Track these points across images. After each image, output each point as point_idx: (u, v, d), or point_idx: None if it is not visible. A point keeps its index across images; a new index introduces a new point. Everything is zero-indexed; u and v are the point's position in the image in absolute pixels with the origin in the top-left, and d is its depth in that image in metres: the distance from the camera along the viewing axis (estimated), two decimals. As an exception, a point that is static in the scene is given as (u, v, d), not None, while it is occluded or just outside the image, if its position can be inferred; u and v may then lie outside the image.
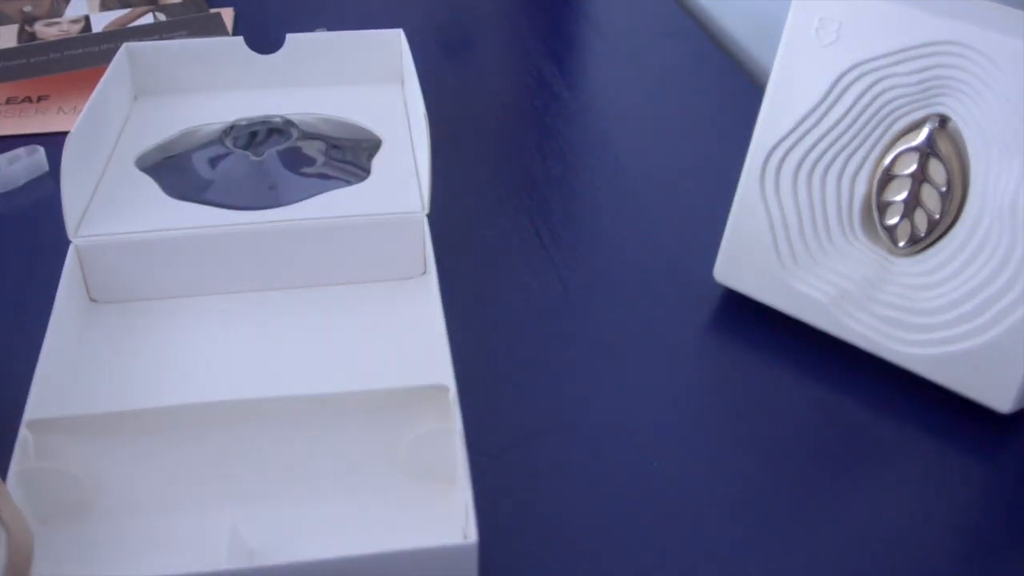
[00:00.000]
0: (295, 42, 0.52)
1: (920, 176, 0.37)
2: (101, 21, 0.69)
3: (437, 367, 0.37)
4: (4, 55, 0.61)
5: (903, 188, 0.38)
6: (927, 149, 0.37)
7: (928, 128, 0.37)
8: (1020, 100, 0.34)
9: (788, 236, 0.41)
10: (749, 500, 0.35)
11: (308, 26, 0.69)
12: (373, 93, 0.53)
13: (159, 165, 0.46)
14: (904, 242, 0.38)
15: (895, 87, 0.37)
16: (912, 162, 0.37)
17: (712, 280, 0.45)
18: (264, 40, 0.54)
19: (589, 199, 0.51)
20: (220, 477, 0.34)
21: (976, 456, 0.37)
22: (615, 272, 0.46)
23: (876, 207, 0.39)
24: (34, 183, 0.52)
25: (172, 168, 0.45)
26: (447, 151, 0.55)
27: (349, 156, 0.46)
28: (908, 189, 0.38)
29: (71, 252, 0.40)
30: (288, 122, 0.48)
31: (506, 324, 0.43)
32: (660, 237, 0.48)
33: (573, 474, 0.36)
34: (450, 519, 0.33)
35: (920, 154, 0.37)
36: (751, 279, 0.42)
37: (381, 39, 0.53)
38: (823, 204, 0.40)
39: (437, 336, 0.38)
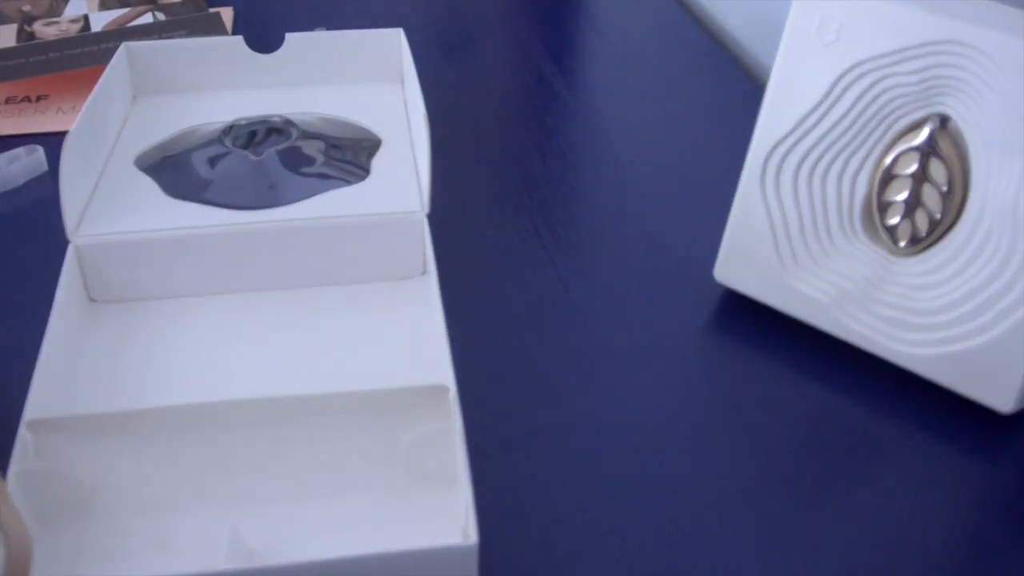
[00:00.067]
0: (295, 41, 0.52)
1: (921, 176, 0.37)
2: (100, 20, 0.69)
3: (437, 367, 0.37)
4: (3, 55, 0.61)
5: (904, 188, 0.38)
6: (928, 149, 0.37)
7: (929, 128, 0.37)
8: (1021, 100, 0.34)
9: (788, 236, 0.41)
10: (749, 500, 0.35)
11: (308, 26, 0.69)
12: (373, 93, 0.53)
13: (158, 165, 0.46)
14: (905, 242, 0.38)
15: (896, 87, 0.37)
16: (913, 162, 0.37)
17: (712, 280, 0.45)
18: (264, 39, 0.54)
19: (589, 199, 0.51)
20: (220, 477, 0.34)
21: (976, 456, 0.37)
22: (615, 272, 0.46)
23: (877, 207, 0.39)
24: (33, 183, 0.52)
25: (171, 168, 0.45)
26: (447, 151, 0.55)
27: (349, 156, 0.46)
28: (909, 189, 0.38)
29: (70, 252, 0.40)
30: (288, 122, 0.48)
31: (506, 324, 0.43)
32: (660, 237, 0.48)
33: (573, 474, 0.36)
34: (450, 519, 0.33)
35: (921, 154, 0.37)
36: (751, 279, 0.42)
37: (381, 39, 0.53)
38: (823, 204, 0.40)
39: (437, 336, 0.37)
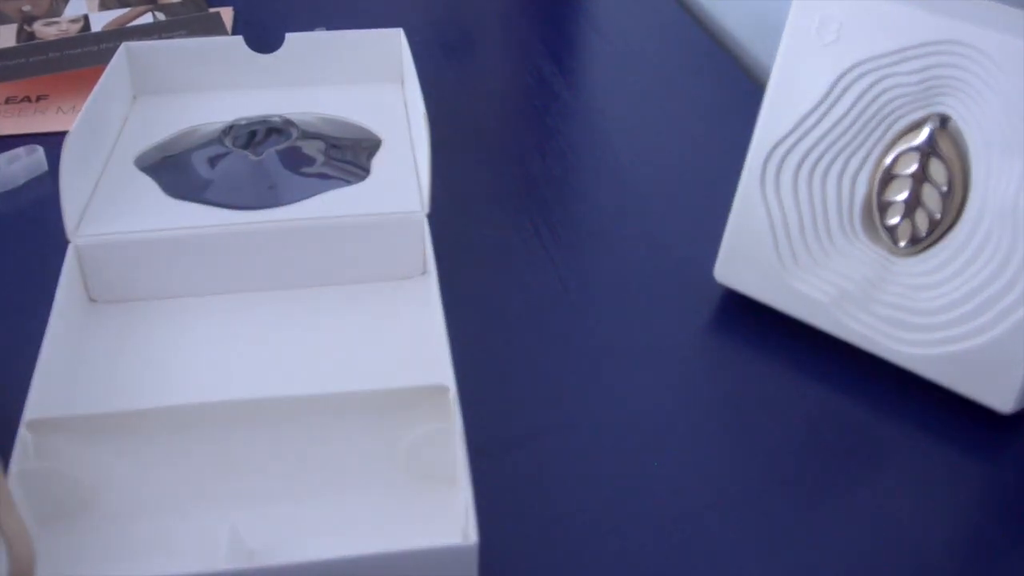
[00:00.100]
0: (295, 41, 0.52)
1: (921, 176, 0.37)
2: (100, 20, 0.69)
3: (437, 367, 0.37)
4: (3, 55, 0.61)
5: (904, 188, 0.38)
6: (928, 149, 0.37)
7: (929, 128, 0.37)
8: (1021, 100, 0.34)
9: (788, 236, 0.41)
10: (749, 500, 0.35)
11: (308, 26, 0.69)
12: (373, 93, 0.53)
13: (158, 165, 0.46)
14: (905, 242, 0.38)
15: (896, 87, 0.37)
16: (913, 162, 0.37)
17: (712, 280, 0.45)
18: (264, 39, 0.54)
19: (589, 199, 0.51)
20: (220, 477, 0.34)
21: (976, 456, 0.37)
22: (615, 272, 0.46)
23: (877, 207, 0.39)
24: (33, 183, 0.52)
25: (171, 168, 0.45)
26: (447, 151, 0.55)
27: (349, 156, 0.46)
28: (909, 189, 0.38)
29: (70, 252, 0.40)
30: (288, 122, 0.48)
31: (506, 324, 0.43)
32: (660, 237, 0.48)
33: (573, 474, 0.36)
34: (450, 519, 0.33)
35: (921, 154, 0.37)
36: (751, 279, 0.42)
37: (381, 39, 0.53)
38: (823, 204, 0.40)
39: (437, 336, 0.37)
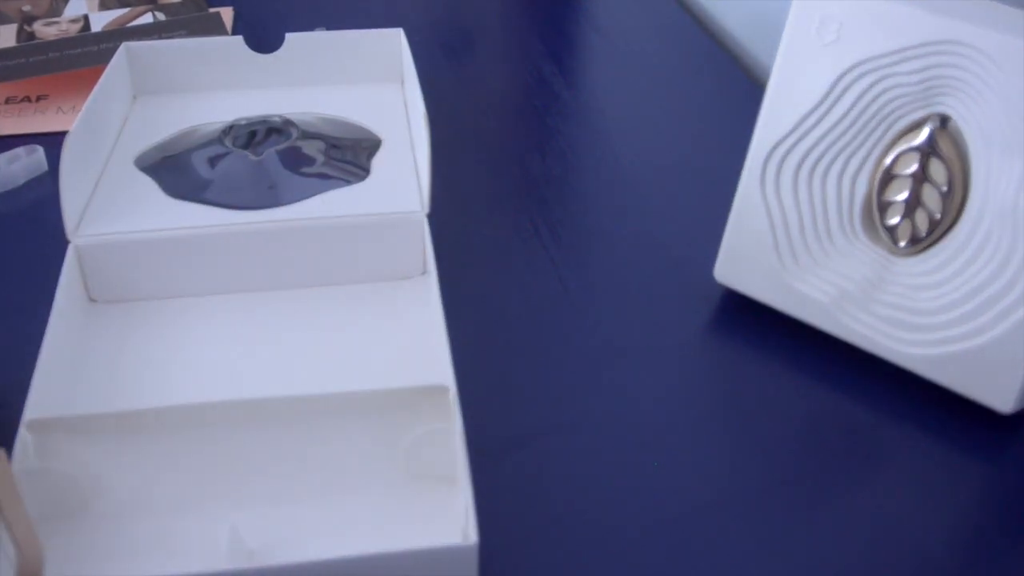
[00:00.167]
0: (295, 41, 0.52)
1: (921, 176, 0.37)
2: (100, 20, 0.69)
3: (437, 367, 0.37)
4: (3, 55, 0.61)
5: (904, 188, 0.38)
6: (928, 149, 0.37)
7: (929, 128, 0.37)
8: (1021, 100, 0.34)
9: (788, 236, 0.41)
10: (749, 500, 0.35)
11: (308, 26, 0.69)
12: (373, 93, 0.53)
13: (158, 165, 0.46)
14: (905, 242, 0.38)
15: (896, 87, 0.37)
16: (913, 162, 0.37)
17: (712, 280, 0.45)
18: (263, 39, 0.54)
19: (589, 199, 0.51)
20: (220, 477, 0.34)
21: (976, 456, 0.37)
22: (615, 272, 0.46)
23: (877, 207, 0.39)
24: (33, 183, 0.52)
25: (171, 168, 0.45)
26: (447, 151, 0.55)
27: (349, 156, 0.46)
28: (909, 189, 0.38)
29: (70, 252, 0.40)
30: (287, 122, 0.48)
31: (506, 324, 0.43)
32: (660, 237, 0.48)
33: (573, 474, 0.36)
34: (450, 519, 0.33)
35: (921, 154, 0.37)
36: (751, 279, 0.42)
37: (381, 39, 0.53)
38: (824, 204, 0.40)
39: (437, 336, 0.37)
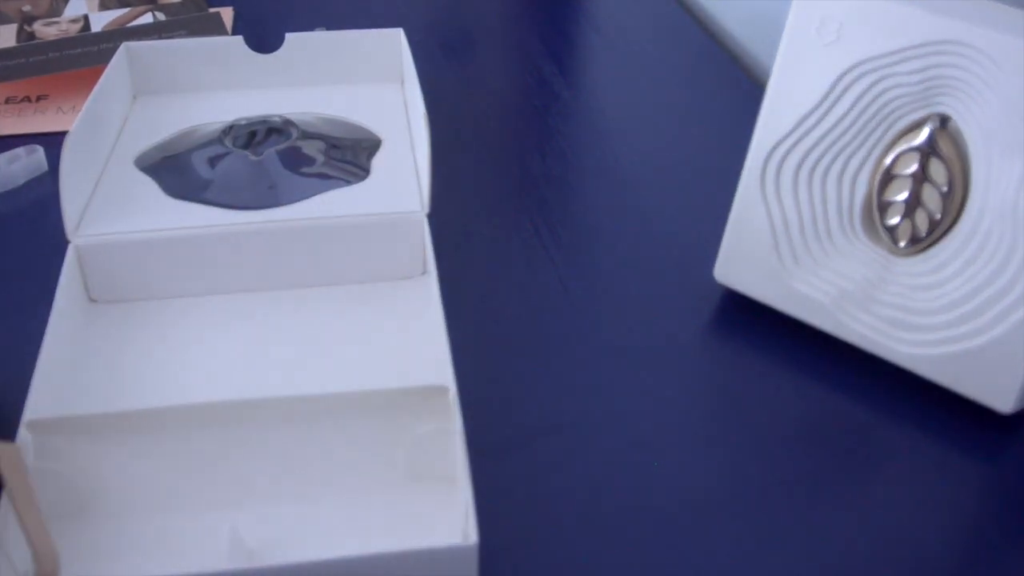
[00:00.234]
0: (295, 41, 0.52)
1: (921, 176, 0.37)
2: (100, 20, 0.69)
3: (437, 367, 0.37)
4: (3, 55, 0.61)
5: (904, 188, 0.38)
6: (928, 149, 0.37)
7: (929, 128, 0.37)
8: (1021, 100, 0.34)
9: (788, 236, 0.41)
10: (749, 500, 0.35)
11: (308, 25, 0.69)
12: (373, 93, 0.53)
13: (158, 165, 0.46)
14: (905, 242, 0.38)
15: (896, 87, 0.37)
16: (913, 162, 0.37)
17: (712, 280, 0.45)
18: (264, 39, 0.54)
19: (589, 199, 0.51)
20: (220, 477, 0.34)
21: (976, 456, 0.37)
22: (615, 272, 0.46)
23: (877, 207, 0.39)
24: (33, 183, 0.52)
25: (171, 168, 0.45)
26: (447, 151, 0.55)
27: (349, 156, 0.46)
28: (909, 189, 0.38)
29: (70, 252, 0.40)
30: (287, 122, 0.48)
31: (506, 324, 0.43)
32: (660, 237, 0.48)
33: (573, 474, 0.36)
34: (450, 519, 0.33)
35: (921, 154, 0.37)
36: (751, 279, 0.42)
37: (381, 39, 0.53)
38: (823, 204, 0.40)
39: (437, 336, 0.37)
